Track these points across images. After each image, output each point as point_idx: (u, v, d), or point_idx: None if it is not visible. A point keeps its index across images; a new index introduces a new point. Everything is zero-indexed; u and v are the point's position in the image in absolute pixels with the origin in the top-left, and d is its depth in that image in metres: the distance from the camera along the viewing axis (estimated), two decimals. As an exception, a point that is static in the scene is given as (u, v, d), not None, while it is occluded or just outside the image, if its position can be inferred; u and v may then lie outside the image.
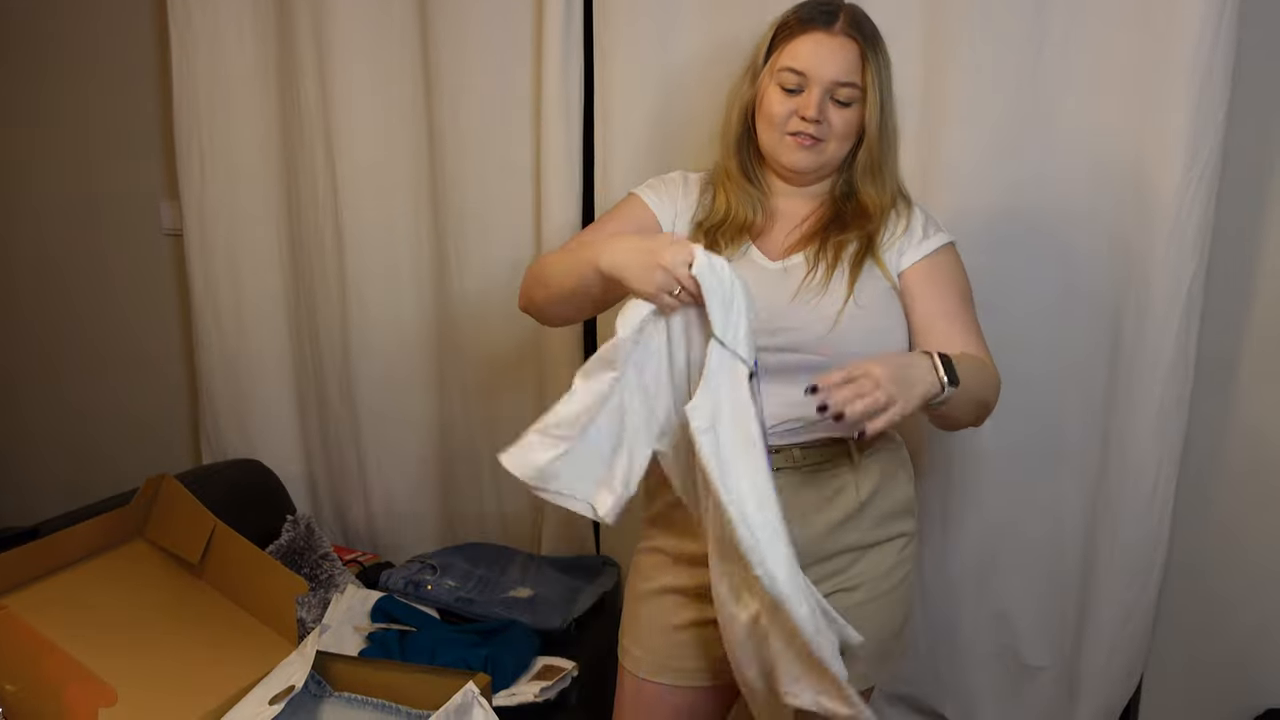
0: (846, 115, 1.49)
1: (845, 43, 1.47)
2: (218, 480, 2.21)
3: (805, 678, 1.33)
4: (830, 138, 1.50)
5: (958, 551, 2.08)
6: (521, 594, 2.18)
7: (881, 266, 1.52)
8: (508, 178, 2.27)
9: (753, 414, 1.30)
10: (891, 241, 1.54)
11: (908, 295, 1.52)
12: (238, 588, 1.87)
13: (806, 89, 1.48)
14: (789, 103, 1.49)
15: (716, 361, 1.29)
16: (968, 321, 1.52)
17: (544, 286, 1.53)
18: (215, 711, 1.59)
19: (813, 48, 1.47)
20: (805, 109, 1.48)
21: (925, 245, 1.54)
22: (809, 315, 1.46)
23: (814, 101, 1.47)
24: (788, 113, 1.49)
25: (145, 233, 2.80)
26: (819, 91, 1.47)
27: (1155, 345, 1.86)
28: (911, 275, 1.53)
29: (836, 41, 1.47)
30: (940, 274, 1.53)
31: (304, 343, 2.57)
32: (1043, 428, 1.99)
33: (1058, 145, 1.91)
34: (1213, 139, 1.77)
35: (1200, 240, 1.82)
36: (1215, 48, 1.73)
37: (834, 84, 1.47)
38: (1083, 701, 2.04)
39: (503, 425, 2.38)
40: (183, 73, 2.48)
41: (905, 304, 1.52)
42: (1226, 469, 2.01)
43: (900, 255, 1.54)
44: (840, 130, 1.50)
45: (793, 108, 1.49)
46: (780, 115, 1.50)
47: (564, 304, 1.52)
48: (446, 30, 2.23)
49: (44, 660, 1.46)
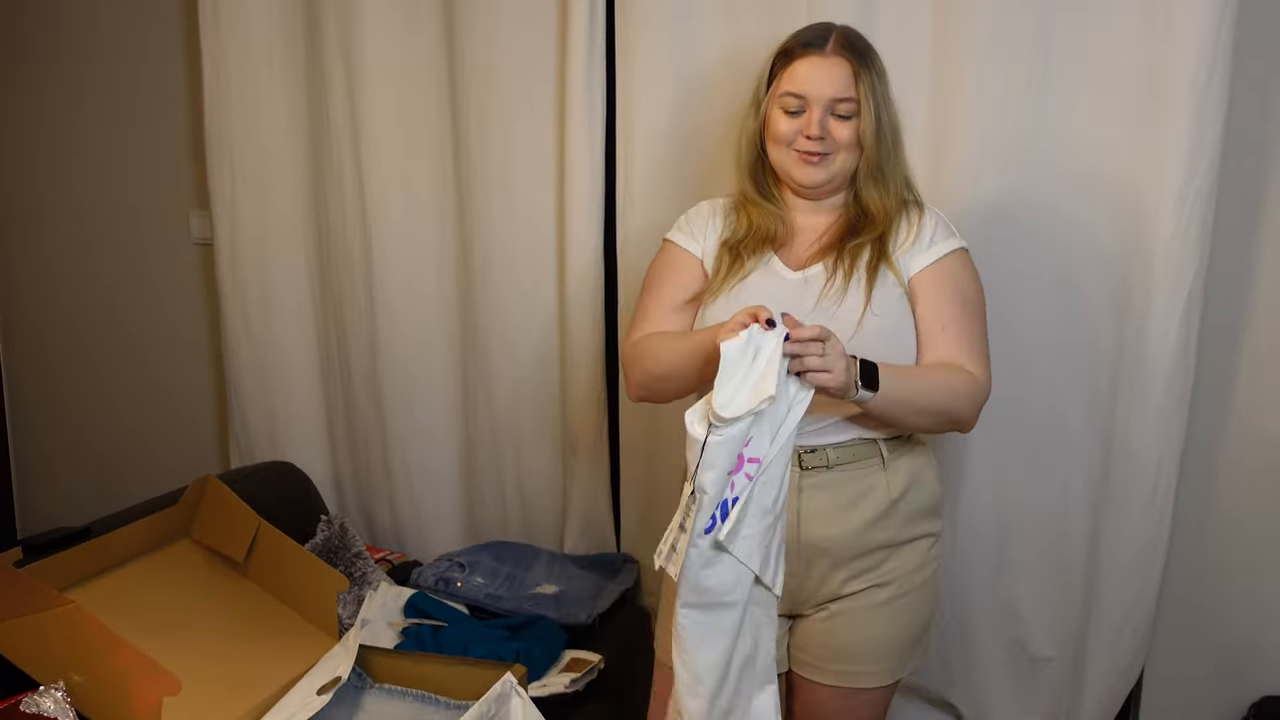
0: (848, 127, 1.59)
1: (838, 62, 1.57)
2: (253, 481, 2.26)
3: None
4: (836, 151, 1.60)
5: (968, 546, 2.15)
6: (547, 590, 2.26)
7: (894, 271, 1.60)
8: (532, 186, 2.35)
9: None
10: (903, 245, 1.63)
11: (914, 300, 1.61)
12: (281, 585, 1.94)
13: (807, 109, 1.58)
14: (793, 124, 1.59)
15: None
16: (962, 330, 1.60)
17: (662, 378, 1.63)
18: (267, 701, 1.67)
19: (809, 70, 1.57)
20: (808, 128, 1.58)
21: (934, 251, 1.63)
22: (830, 322, 1.54)
23: (815, 120, 1.57)
24: (793, 133, 1.59)
25: (176, 242, 2.88)
26: (819, 110, 1.57)
27: (1157, 347, 1.94)
28: (918, 280, 1.62)
29: (830, 62, 1.57)
30: (944, 280, 1.61)
31: (331, 348, 2.64)
32: (1049, 427, 2.07)
33: (1062, 153, 1.99)
34: (1211, 150, 1.86)
35: (1200, 247, 1.90)
36: (1214, 64, 1.82)
37: (832, 101, 1.57)
38: (1087, 691, 2.12)
39: (526, 428, 2.47)
40: (214, 86, 2.55)
41: (912, 307, 1.61)
42: (1226, 468, 2.08)
43: (910, 260, 1.62)
44: (844, 142, 1.59)
45: (797, 128, 1.59)
46: (786, 135, 1.60)
47: (686, 384, 1.61)
48: (472, 47, 2.31)
49: (111, 652, 1.52)
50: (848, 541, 1.56)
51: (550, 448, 2.48)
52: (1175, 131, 1.86)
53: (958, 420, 1.61)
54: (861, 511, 1.60)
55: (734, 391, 1.33)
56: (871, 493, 1.60)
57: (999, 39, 1.95)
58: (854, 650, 1.63)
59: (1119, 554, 2.03)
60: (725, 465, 1.34)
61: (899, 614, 1.62)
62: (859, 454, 1.60)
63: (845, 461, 1.59)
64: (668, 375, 1.61)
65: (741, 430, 1.33)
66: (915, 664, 1.71)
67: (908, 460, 1.64)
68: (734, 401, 1.33)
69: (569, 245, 2.32)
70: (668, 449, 2.23)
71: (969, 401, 1.58)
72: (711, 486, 1.34)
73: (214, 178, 2.61)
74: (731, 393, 1.33)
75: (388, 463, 2.59)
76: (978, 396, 1.59)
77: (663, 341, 1.63)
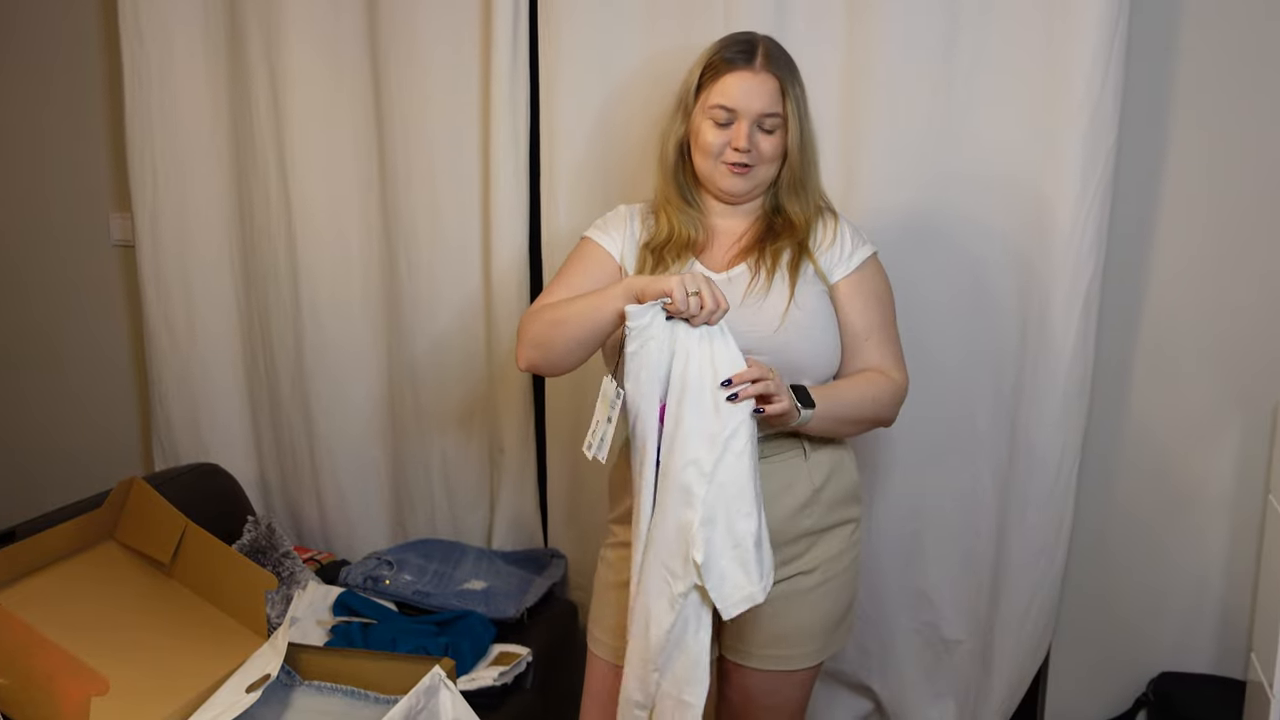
0: (772, 141, 1.67)
1: (767, 78, 1.65)
2: (179, 483, 2.25)
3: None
4: (760, 162, 1.67)
5: (883, 534, 2.23)
6: (476, 586, 2.29)
7: (817, 267, 1.69)
8: (457, 188, 2.37)
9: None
10: (822, 246, 1.71)
11: (838, 307, 1.70)
12: (208, 585, 1.93)
13: (736, 122, 1.65)
14: (721, 135, 1.66)
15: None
16: (884, 336, 1.72)
17: (547, 346, 1.64)
18: (195, 700, 1.67)
19: (738, 85, 1.64)
20: (737, 140, 1.64)
21: (854, 259, 1.71)
22: (756, 317, 1.62)
23: (744, 133, 1.64)
24: (721, 144, 1.66)
25: (96, 243, 2.85)
26: (747, 124, 1.64)
27: (1058, 341, 2.03)
28: (843, 288, 1.71)
29: (759, 78, 1.64)
30: (865, 288, 1.71)
31: (256, 348, 2.63)
32: (958, 417, 2.16)
33: (967, 159, 2.07)
34: (1106, 156, 1.95)
35: (1097, 249, 1.99)
36: (1107, 73, 1.91)
37: (760, 115, 1.64)
38: (996, 673, 2.21)
39: (453, 426, 2.49)
40: (135, 86, 2.53)
41: (837, 313, 1.70)
42: (1124, 456, 2.19)
43: (832, 267, 1.70)
44: (768, 154, 1.67)
45: (725, 139, 1.65)
46: (714, 146, 1.66)
47: (578, 350, 1.63)
48: (396, 47, 2.33)
49: (36, 653, 1.52)
50: (774, 530, 1.62)
51: (478, 445, 2.51)
52: (1072, 139, 1.95)
53: (882, 422, 1.72)
54: (786, 501, 1.67)
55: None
56: (795, 483, 1.68)
57: (908, 44, 2.03)
58: (784, 635, 1.70)
59: (1024, 542, 2.12)
60: (647, 382, 1.51)
61: (825, 598, 1.70)
62: (781, 446, 1.67)
63: (768, 454, 1.65)
64: (562, 320, 1.61)
65: (657, 347, 1.50)
66: (839, 644, 1.79)
67: (828, 451, 1.71)
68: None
69: (494, 246, 2.34)
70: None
71: (891, 405, 1.70)
72: (634, 393, 1.52)
73: (135, 179, 2.59)
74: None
75: (315, 462, 2.59)
76: (898, 397, 1.71)
77: (563, 302, 1.66)
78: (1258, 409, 2.07)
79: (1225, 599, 2.17)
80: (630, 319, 1.50)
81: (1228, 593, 2.16)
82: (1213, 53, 2.01)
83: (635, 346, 1.51)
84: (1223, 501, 2.14)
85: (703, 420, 1.49)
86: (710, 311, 1.47)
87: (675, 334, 1.50)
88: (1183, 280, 2.10)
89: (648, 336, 1.50)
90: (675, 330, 1.50)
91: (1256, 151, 2.02)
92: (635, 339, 1.50)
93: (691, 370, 1.50)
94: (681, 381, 1.50)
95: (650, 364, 1.51)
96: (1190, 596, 2.18)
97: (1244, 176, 2.03)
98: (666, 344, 1.50)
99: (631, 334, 1.50)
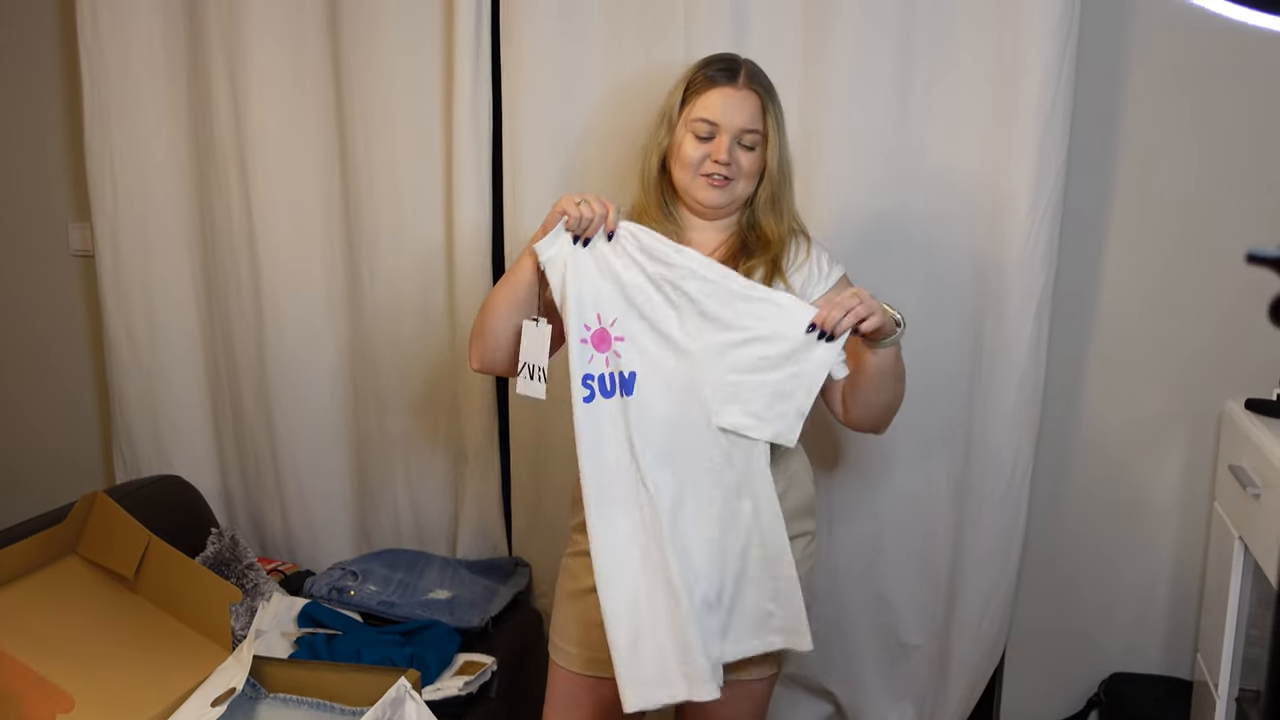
0: (751, 157, 1.70)
1: (749, 95, 1.69)
2: (141, 496, 2.24)
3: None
4: (739, 177, 1.71)
5: (843, 541, 2.26)
6: (440, 596, 2.30)
7: (787, 285, 1.72)
8: (419, 196, 2.38)
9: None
10: (794, 266, 1.74)
11: None
12: (172, 599, 1.94)
13: (717, 136, 1.68)
14: (702, 148, 1.69)
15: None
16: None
17: (485, 333, 1.70)
18: (161, 715, 1.69)
19: (722, 101, 1.68)
20: (717, 154, 1.68)
21: (831, 277, 1.76)
22: None
23: (724, 147, 1.68)
24: (701, 157, 1.69)
25: (55, 253, 2.83)
26: (728, 138, 1.68)
27: (1012, 347, 2.08)
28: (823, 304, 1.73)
29: (741, 95, 1.68)
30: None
31: (219, 358, 2.63)
32: (917, 426, 2.18)
33: (923, 173, 2.11)
34: (1056, 170, 2.00)
35: (1048, 258, 2.04)
36: (1057, 92, 1.96)
37: (741, 131, 1.68)
38: (953, 675, 2.25)
39: (417, 436, 2.50)
40: (93, 94, 2.52)
41: None
42: (1076, 460, 2.24)
43: (808, 285, 1.73)
44: (747, 170, 1.71)
45: (706, 152, 1.69)
46: (695, 159, 1.69)
47: (508, 326, 1.68)
48: (358, 53, 2.34)
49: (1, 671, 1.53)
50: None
51: (441, 455, 2.52)
52: (1024, 152, 2.00)
53: (894, 409, 1.76)
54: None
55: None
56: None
57: (863, 63, 2.06)
58: None
59: (979, 545, 2.17)
60: (585, 302, 1.60)
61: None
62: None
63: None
64: (489, 302, 1.71)
65: (575, 268, 1.59)
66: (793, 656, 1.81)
67: (784, 462, 1.74)
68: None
69: (457, 253, 2.36)
70: (557, 455, 2.29)
71: (901, 399, 1.75)
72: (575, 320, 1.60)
73: (94, 189, 2.57)
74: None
75: (278, 474, 2.59)
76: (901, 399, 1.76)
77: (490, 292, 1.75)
78: (1204, 416, 2.13)
79: (1173, 602, 2.23)
80: (540, 254, 1.59)
81: (1175, 596, 2.22)
82: (1160, 71, 2.07)
83: (556, 279, 1.59)
84: (1171, 507, 2.20)
85: (674, 312, 1.61)
86: (603, 216, 1.58)
87: (597, 252, 1.60)
88: (1133, 288, 2.15)
89: (561, 261, 1.59)
90: (596, 248, 1.60)
91: (1203, 163, 2.08)
92: (553, 270, 1.59)
93: (628, 278, 1.60)
94: (623, 294, 1.60)
95: (579, 284, 1.59)
96: (1140, 600, 2.24)
97: (1191, 188, 2.09)
98: (589, 264, 1.60)
99: (549, 268, 1.59)
